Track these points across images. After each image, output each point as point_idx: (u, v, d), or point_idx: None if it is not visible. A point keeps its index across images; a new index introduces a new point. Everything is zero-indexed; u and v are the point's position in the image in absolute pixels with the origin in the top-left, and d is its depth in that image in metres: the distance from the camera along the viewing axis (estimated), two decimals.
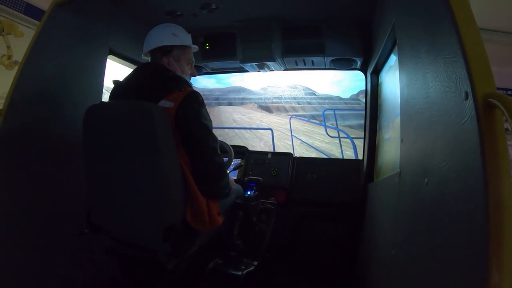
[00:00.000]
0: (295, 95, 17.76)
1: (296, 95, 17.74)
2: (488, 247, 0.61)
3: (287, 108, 16.69)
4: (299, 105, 17.03)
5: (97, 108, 1.51)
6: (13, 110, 1.58)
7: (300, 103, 17.00)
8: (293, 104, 17.16)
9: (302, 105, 16.86)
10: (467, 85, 0.72)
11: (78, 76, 1.95)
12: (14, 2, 3.30)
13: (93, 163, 1.51)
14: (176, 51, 1.65)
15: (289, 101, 17.46)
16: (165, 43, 1.62)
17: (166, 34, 1.64)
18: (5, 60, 3.33)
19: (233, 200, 1.91)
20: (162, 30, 1.66)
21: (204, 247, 1.64)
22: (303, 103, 16.91)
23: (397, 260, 1.19)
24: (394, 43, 1.68)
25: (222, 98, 17.87)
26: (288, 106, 17.15)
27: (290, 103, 17.32)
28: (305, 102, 16.93)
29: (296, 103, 17.07)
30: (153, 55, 1.64)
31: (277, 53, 2.51)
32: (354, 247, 2.38)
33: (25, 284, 1.63)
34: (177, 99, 1.44)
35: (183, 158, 1.44)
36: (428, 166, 0.94)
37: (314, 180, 2.63)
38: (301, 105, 16.97)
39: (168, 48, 1.63)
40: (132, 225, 1.45)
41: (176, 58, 1.65)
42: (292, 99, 17.45)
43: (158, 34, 1.65)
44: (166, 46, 1.62)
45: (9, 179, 1.58)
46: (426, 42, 1.03)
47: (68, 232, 1.75)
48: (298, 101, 17.27)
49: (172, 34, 1.64)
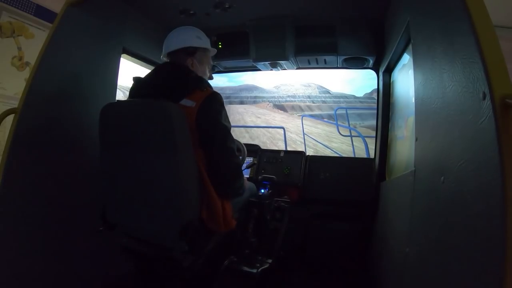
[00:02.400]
0: (309, 93, 17.21)
1: (310, 93, 17.20)
2: (506, 247, 0.61)
3: (303, 107, 16.08)
4: (314, 103, 16.40)
5: (114, 106, 1.53)
6: (28, 109, 1.59)
7: (315, 101, 16.38)
8: (308, 103, 16.58)
9: (318, 104, 16.19)
10: (484, 86, 0.72)
11: (92, 75, 1.97)
12: (24, 4, 3.34)
13: (108, 161, 1.53)
14: (199, 53, 1.69)
15: (303, 99, 16.86)
16: (189, 44, 1.66)
17: (190, 36, 1.69)
18: (17, 61, 3.39)
19: (247, 198, 1.93)
20: (185, 31, 1.70)
21: (219, 245, 1.66)
22: (318, 102, 16.31)
23: (411, 259, 1.20)
24: (408, 42, 1.68)
25: (233, 97, 17.27)
26: (303, 105, 16.47)
27: (304, 101, 16.70)
28: (320, 101, 16.34)
29: (311, 102, 16.49)
30: (176, 55, 1.67)
31: (290, 52, 2.52)
32: (366, 245, 2.38)
33: (40, 281, 1.66)
34: (198, 99, 1.46)
35: (200, 157, 1.47)
36: (444, 164, 0.95)
37: (327, 179, 2.63)
38: (316, 104, 16.30)
39: (191, 49, 1.67)
40: (148, 223, 1.47)
41: (199, 60, 1.69)
42: (306, 97, 16.84)
43: (181, 36, 1.68)
44: (190, 48, 1.67)
45: (25, 178, 1.60)
46: (442, 43, 1.03)
47: (84, 230, 1.78)
48: (312, 99, 16.66)
49: (196, 37, 1.69)
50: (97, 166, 1.56)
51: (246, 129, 12.57)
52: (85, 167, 1.87)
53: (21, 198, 1.58)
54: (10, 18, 3.27)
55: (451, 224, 0.87)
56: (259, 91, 18.04)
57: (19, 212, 1.58)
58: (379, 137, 2.40)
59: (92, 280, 1.92)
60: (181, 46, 1.66)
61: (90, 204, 1.77)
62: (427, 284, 1.01)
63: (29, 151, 1.62)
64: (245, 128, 12.56)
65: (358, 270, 2.39)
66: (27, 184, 1.61)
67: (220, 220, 1.50)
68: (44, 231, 1.68)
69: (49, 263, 1.70)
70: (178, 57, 1.67)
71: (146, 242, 1.51)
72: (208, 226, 1.49)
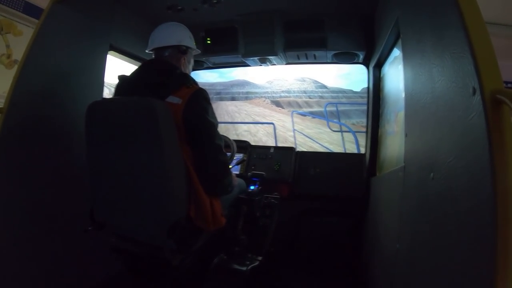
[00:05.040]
0: (305, 88, 16.66)
1: (306, 88, 16.60)
2: (496, 243, 0.61)
3: (300, 103, 15.70)
4: (311, 99, 16.00)
5: (100, 104, 1.50)
6: (14, 108, 1.58)
7: (312, 97, 16.00)
8: (305, 98, 16.08)
9: (316, 100, 15.75)
10: (474, 81, 0.71)
11: (79, 72, 1.95)
12: (12, 1, 3.29)
13: (95, 160, 1.51)
14: (189, 53, 1.74)
15: (299, 95, 16.31)
16: (184, 43, 1.69)
17: (184, 35, 1.72)
18: (5, 59, 3.33)
19: (236, 195, 1.91)
20: (179, 29, 1.72)
21: (208, 243, 1.65)
22: (315, 97, 16.00)
23: (401, 254, 1.20)
24: (398, 37, 1.67)
25: (224, 93, 16.77)
26: (300, 101, 16.00)
27: (300, 97, 16.19)
28: (317, 96, 16.01)
29: (307, 97, 16.13)
30: (168, 52, 1.67)
31: (279, 47, 2.51)
32: (357, 241, 2.39)
33: (29, 282, 1.64)
34: (185, 95, 1.45)
35: (187, 155, 1.45)
36: (434, 161, 0.95)
37: (317, 174, 2.63)
38: (314, 99, 15.99)
39: (184, 48, 1.70)
40: (136, 222, 1.46)
41: (188, 60, 1.74)
42: (302, 93, 16.33)
43: (176, 33, 1.70)
44: (183, 46, 1.69)
45: (11, 177, 1.58)
46: (432, 37, 1.02)
47: (72, 230, 1.76)
48: (309, 95, 16.23)
49: (189, 36, 1.74)
50: (84, 164, 1.53)
51: (249, 129, 11.79)
52: (72, 166, 1.85)
53: (8, 197, 1.56)
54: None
55: (441, 221, 0.87)
56: (251, 86, 17.41)
57: (6, 211, 1.56)
58: (370, 132, 2.41)
59: (81, 280, 1.90)
60: (175, 43, 1.67)
61: (78, 203, 1.74)
62: (418, 280, 1.01)
63: (16, 151, 1.60)
64: (247, 126, 12.00)
65: (349, 266, 2.40)
66: (14, 184, 1.59)
67: (209, 218, 1.49)
68: (32, 231, 1.66)
69: (38, 263, 1.68)
70: (170, 53, 1.67)
71: (134, 241, 1.49)
72: (197, 224, 1.48)
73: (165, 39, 1.67)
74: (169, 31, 1.70)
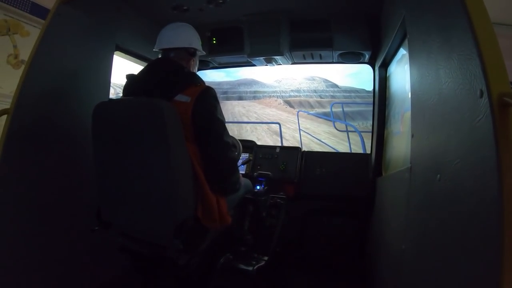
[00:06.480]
0: (315, 87, 15.85)
1: (316, 87, 15.77)
2: (502, 245, 0.61)
3: (312, 103, 14.77)
4: (322, 99, 14.89)
5: (106, 105, 1.51)
6: (20, 108, 1.58)
7: (323, 96, 15.06)
8: (316, 98, 15.13)
9: (328, 99, 14.27)
10: (482, 84, 0.71)
11: (85, 73, 1.95)
12: (19, 2, 3.31)
13: (102, 160, 1.52)
14: (197, 55, 1.76)
15: (309, 94, 15.47)
16: (193, 45, 1.72)
17: (194, 37, 1.75)
18: (12, 59, 3.36)
19: (242, 195, 1.92)
20: (188, 30, 1.74)
21: (215, 243, 1.66)
22: (327, 97, 14.82)
23: (407, 255, 1.20)
24: (404, 37, 1.66)
25: (231, 92, 15.91)
26: (312, 101, 14.84)
27: (311, 96, 15.24)
28: (329, 95, 14.95)
29: (318, 97, 15.20)
30: (178, 53, 1.69)
31: (285, 47, 2.51)
32: (363, 241, 2.39)
33: (37, 281, 1.65)
34: (193, 94, 1.46)
35: (194, 154, 1.45)
36: (440, 162, 0.94)
37: (323, 174, 2.62)
38: (325, 99, 14.71)
39: (193, 50, 1.72)
40: (143, 221, 1.46)
41: (195, 61, 1.77)
42: (312, 92, 15.42)
43: (185, 34, 1.72)
44: (193, 48, 1.72)
45: (18, 178, 1.59)
46: (438, 38, 1.02)
47: (79, 229, 1.77)
48: (319, 94, 15.24)
49: (197, 38, 1.76)
50: (91, 165, 1.54)
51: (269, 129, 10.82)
52: (79, 166, 1.86)
53: (15, 198, 1.57)
54: (5, 16, 3.25)
55: (447, 222, 0.86)
56: (259, 85, 16.65)
57: (13, 212, 1.56)
58: (375, 132, 2.40)
59: (88, 279, 1.91)
60: (186, 45, 1.70)
61: (85, 203, 1.76)
62: (424, 281, 1.00)
63: (22, 152, 1.61)
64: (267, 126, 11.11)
65: (355, 266, 2.39)
66: (21, 184, 1.60)
67: (215, 216, 1.49)
68: (39, 231, 1.67)
69: (45, 263, 1.69)
70: (178, 54, 1.69)
71: (141, 241, 1.50)
72: (204, 224, 1.48)
73: (175, 40, 1.68)
74: (178, 32, 1.71)
